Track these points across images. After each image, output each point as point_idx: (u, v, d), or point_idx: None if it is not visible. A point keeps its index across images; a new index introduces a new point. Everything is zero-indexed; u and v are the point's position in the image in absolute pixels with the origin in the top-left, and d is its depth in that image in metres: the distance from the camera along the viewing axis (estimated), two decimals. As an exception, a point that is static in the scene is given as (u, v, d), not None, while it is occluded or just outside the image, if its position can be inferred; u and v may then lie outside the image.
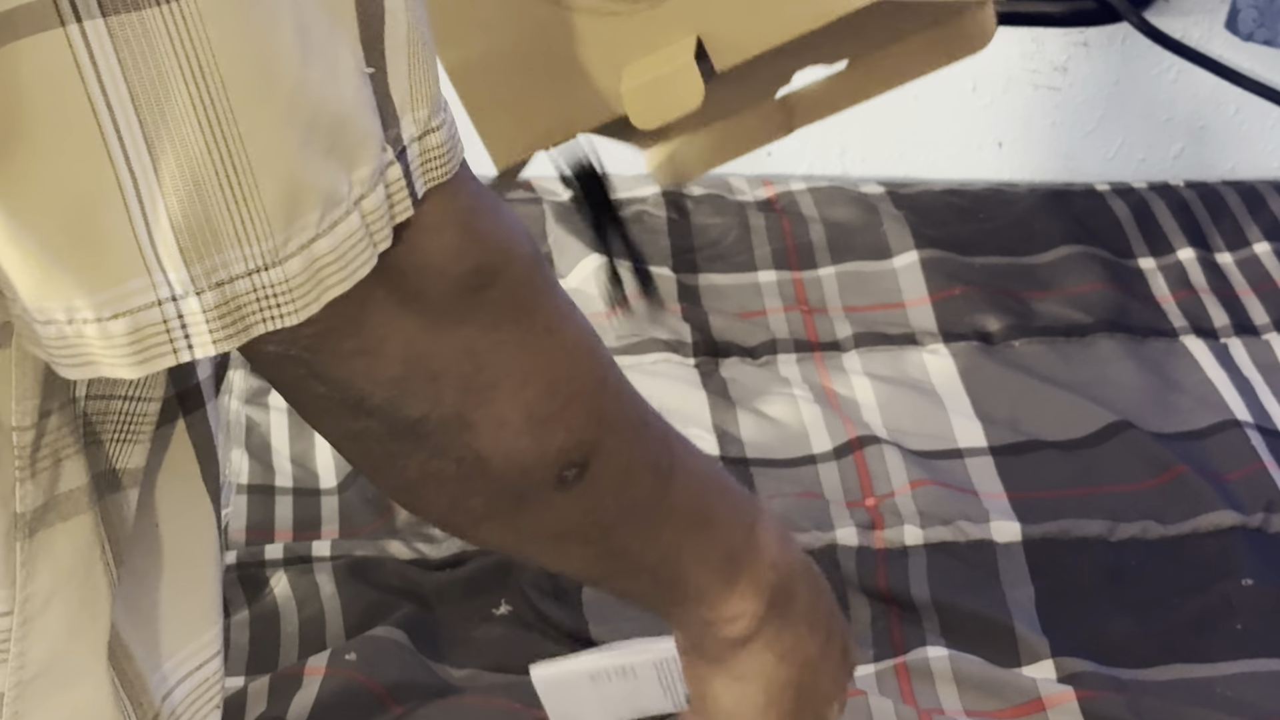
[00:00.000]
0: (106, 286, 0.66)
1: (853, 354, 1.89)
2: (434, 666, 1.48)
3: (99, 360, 0.68)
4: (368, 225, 0.69)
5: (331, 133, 0.67)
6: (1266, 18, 2.10)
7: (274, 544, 1.61)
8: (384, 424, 0.75)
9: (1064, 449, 1.75)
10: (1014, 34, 2.20)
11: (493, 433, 0.77)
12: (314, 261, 0.68)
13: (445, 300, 0.73)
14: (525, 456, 0.78)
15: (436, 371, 0.75)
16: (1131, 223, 2.10)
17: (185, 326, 0.67)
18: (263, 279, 0.67)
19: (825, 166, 2.26)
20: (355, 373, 0.73)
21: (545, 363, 0.78)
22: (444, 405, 0.75)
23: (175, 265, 0.65)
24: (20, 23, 0.61)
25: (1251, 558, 1.60)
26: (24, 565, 0.77)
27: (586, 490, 0.81)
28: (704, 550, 0.90)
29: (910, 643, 1.50)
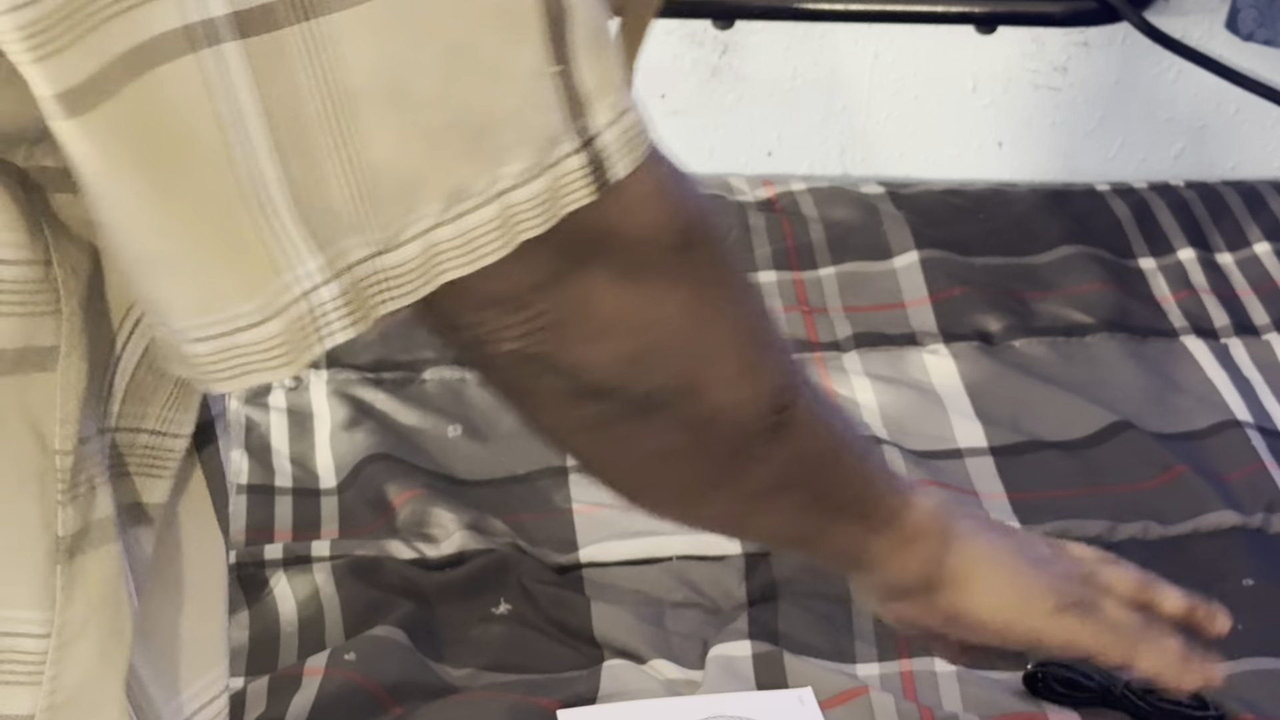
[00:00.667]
0: (260, 290, 0.70)
1: (853, 354, 1.89)
2: (434, 666, 1.48)
3: (255, 366, 0.71)
4: (508, 216, 0.72)
5: (474, 135, 0.71)
6: (1266, 18, 2.10)
7: (274, 544, 1.61)
8: (619, 404, 0.79)
9: (1064, 449, 1.75)
10: (1014, 34, 2.20)
11: (717, 391, 0.81)
12: (432, 247, 0.71)
13: (662, 267, 0.78)
14: (744, 409, 0.83)
15: (666, 339, 0.79)
16: (1131, 223, 2.10)
17: (323, 316, 0.71)
18: (380, 262, 0.71)
19: (825, 166, 2.26)
20: (591, 356, 0.77)
21: (745, 312, 0.83)
22: (673, 372, 0.80)
23: (308, 257, 0.70)
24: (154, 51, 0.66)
25: (1252, 558, 1.60)
26: (63, 589, 0.78)
27: (792, 434, 0.85)
28: (880, 470, 0.97)
29: (914, 644, 1.49)
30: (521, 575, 1.56)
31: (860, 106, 2.25)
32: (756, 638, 1.49)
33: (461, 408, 1.79)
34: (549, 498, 1.68)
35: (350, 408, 1.77)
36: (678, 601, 1.56)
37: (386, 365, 1.84)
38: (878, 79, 2.23)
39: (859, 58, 2.22)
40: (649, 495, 0.88)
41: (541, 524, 1.64)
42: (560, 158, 0.73)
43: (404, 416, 1.77)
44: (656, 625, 1.53)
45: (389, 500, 1.65)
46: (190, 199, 0.69)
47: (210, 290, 0.70)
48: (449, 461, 1.72)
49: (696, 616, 1.54)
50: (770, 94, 2.23)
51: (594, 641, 1.51)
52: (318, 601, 1.54)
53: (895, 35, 2.20)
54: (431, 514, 1.62)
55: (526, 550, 1.59)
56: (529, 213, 0.73)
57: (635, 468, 0.84)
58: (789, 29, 2.19)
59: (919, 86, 2.24)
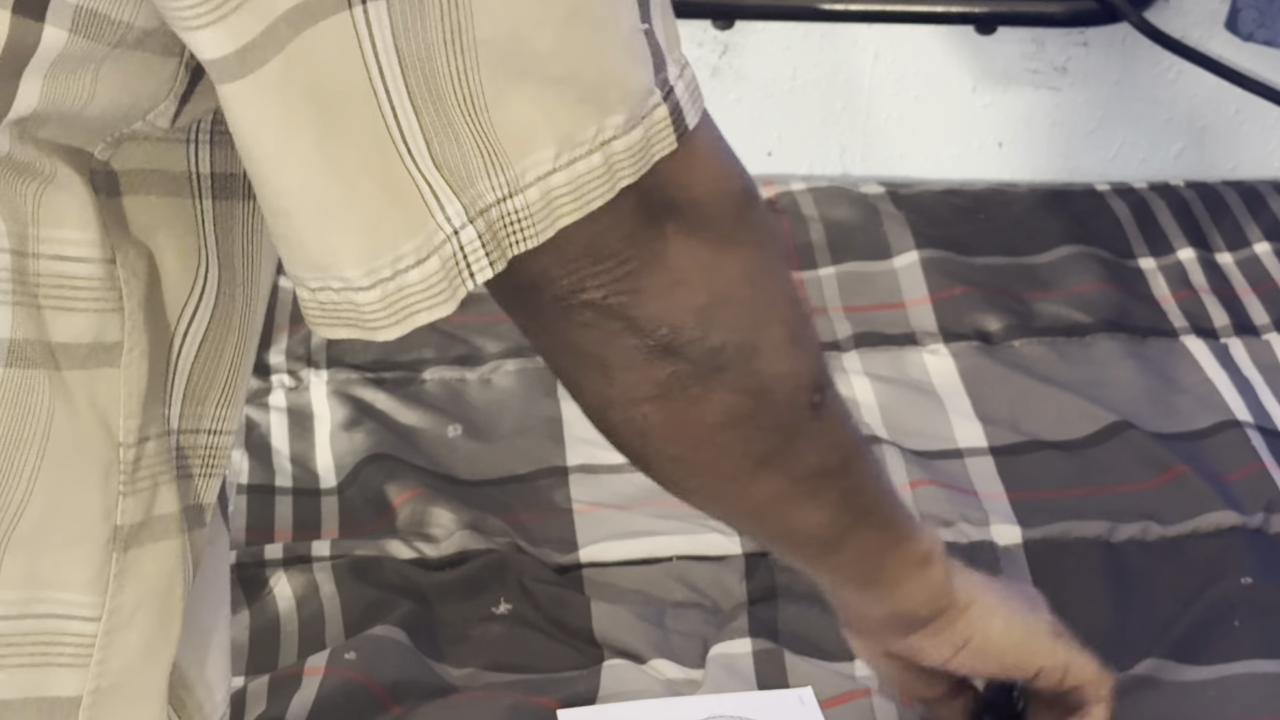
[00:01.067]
0: (419, 229, 0.75)
1: (853, 354, 1.89)
2: (434, 666, 1.48)
3: (419, 306, 0.76)
4: (611, 164, 0.77)
5: (586, 87, 0.76)
6: (1266, 18, 2.10)
7: (274, 544, 1.61)
8: (690, 362, 0.83)
9: (1064, 449, 1.75)
10: (1014, 34, 2.20)
11: (772, 358, 0.85)
12: (549, 192, 0.76)
13: (728, 223, 0.83)
14: (792, 380, 0.87)
15: (731, 295, 0.83)
16: (1131, 223, 2.10)
17: (467, 257, 0.76)
18: (508, 206, 0.76)
19: (825, 166, 2.26)
20: (668, 307, 0.82)
21: (791, 285, 0.88)
22: (739, 330, 0.84)
23: (450, 200, 0.75)
24: (314, 8, 0.71)
25: (1251, 558, 1.60)
26: (116, 577, 0.81)
27: (830, 417, 0.90)
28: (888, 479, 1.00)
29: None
30: (522, 575, 1.56)
31: (860, 106, 2.25)
32: (757, 637, 1.49)
33: (461, 408, 1.79)
34: (549, 498, 1.68)
35: (350, 408, 1.77)
36: (678, 601, 1.56)
37: (386, 365, 1.84)
38: (878, 79, 2.23)
39: (859, 58, 2.22)
40: (705, 474, 0.91)
41: (541, 524, 1.64)
42: (651, 108, 0.79)
43: (404, 416, 1.77)
44: (657, 625, 1.53)
45: (389, 500, 1.65)
46: (354, 146, 0.73)
47: (377, 233, 0.74)
48: (449, 461, 1.72)
49: (697, 616, 1.54)
50: (770, 94, 2.23)
51: (594, 641, 1.51)
52: (318, 601, 1.54)
53: (895, 35, 2.20)
54: (431, 514, 1.62)
55: (526, 550, 1.59)
56: (627, 161, 0.78)
57: (698, 439, 0.87)
58: (789, 29, 2.19)
59: (919, 86, 2.24)
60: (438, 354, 1.85)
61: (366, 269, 0.75)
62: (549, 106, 0.76)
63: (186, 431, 0.84)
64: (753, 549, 1.60)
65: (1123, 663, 1.50)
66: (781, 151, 2.26)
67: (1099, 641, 1.52)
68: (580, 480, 1.69)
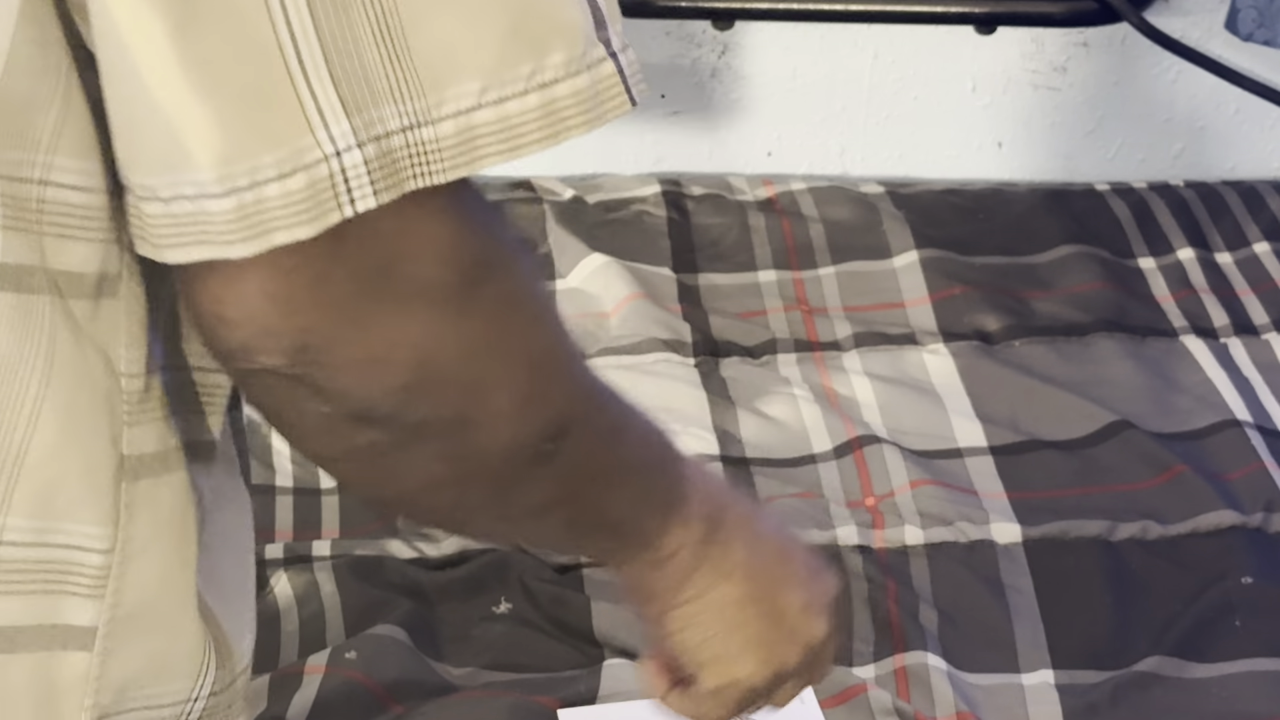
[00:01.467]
0: (285, 143, 0.69)
1: (853, 354, 1.89)
2: (434, 665, 1.48)
3: (276, 225, 0.70)
4: (551, 110, 0.72)
5: (516, 17, 0.71)
6: (1266, 18, 2.10)
7: (274, 544, 1.61)
8: (389, 433, 0.76)
9: (1064, 449, 1.75)
10: (1014, 34, 2.20)
11: (490, 426, 0.78)
12: (470, 129, 0.71)
13: (452, 298, 0.74)
14: (516, 441, 0.79)
15: (443, 374, 0.75)
16: (1131, 223, 2.10)
17: (348, 181, 0.70)
18: (416, 135, 0.70)
19: (825, 166, 2.26)
20: (363, 383, 0.74)
21: (534, 348, 0.80)
22: (447, 406, 0.76)
23: (337, 119, 0.70)
24: None
25: (1251, 557, 1.60)
26: (126, 507, 0.80)
27: (564, 461, 0.82)
28: (650, 496, 0.92)
29: (911, 643, 1.50)
30: (522, 574, 1.56)
31: (860, 106, 2.25)
32: (756, 637, 1.49)
33: (462, 407, 1.79)
34: (549, 497, 1.68)
35: (351, 407, 1.77)
36: (678, 601, 1.56)
37: (387, 365, 1.84)
38: (878, 79, 2.23)
39: (859, 58, 2.22)
40: (421, 518, 0.87)
41: (542, 523, 1.64)
42: (597, 60, 0.73)
43: (404, 416, 1.77)
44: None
45: (390, 500, 1.65)
46: (222, 40, 0.69)
47: (234, 137, 0.70)
48: (449, 461, 1.72)
49: (696, 616, 1.54)
50: (770, 94, 2.23)
51: (594, 640, 1.51)
52: (318, 600, 1.54)
53: (895, 35, 2.21)
54: (432, 513, 1.62)
55: (527, 549, 1.59)
56: (575, 110, 0.73)
57: (404, 497, 0.81)
58: (789, 29, 2.20)
59: (919, 86, 2.24)
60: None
61: (220, 174, 0.69)
62: (472, 31, 0.70)
63: (190, 368, 0.82)
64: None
65: (1124, 660, 1.50)
66: (781, 151, 2.26)
67: (1100, 640, 1.53)
68: (580, 480, 1.69)
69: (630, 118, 0.80)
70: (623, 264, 1.98)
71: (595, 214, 2.09)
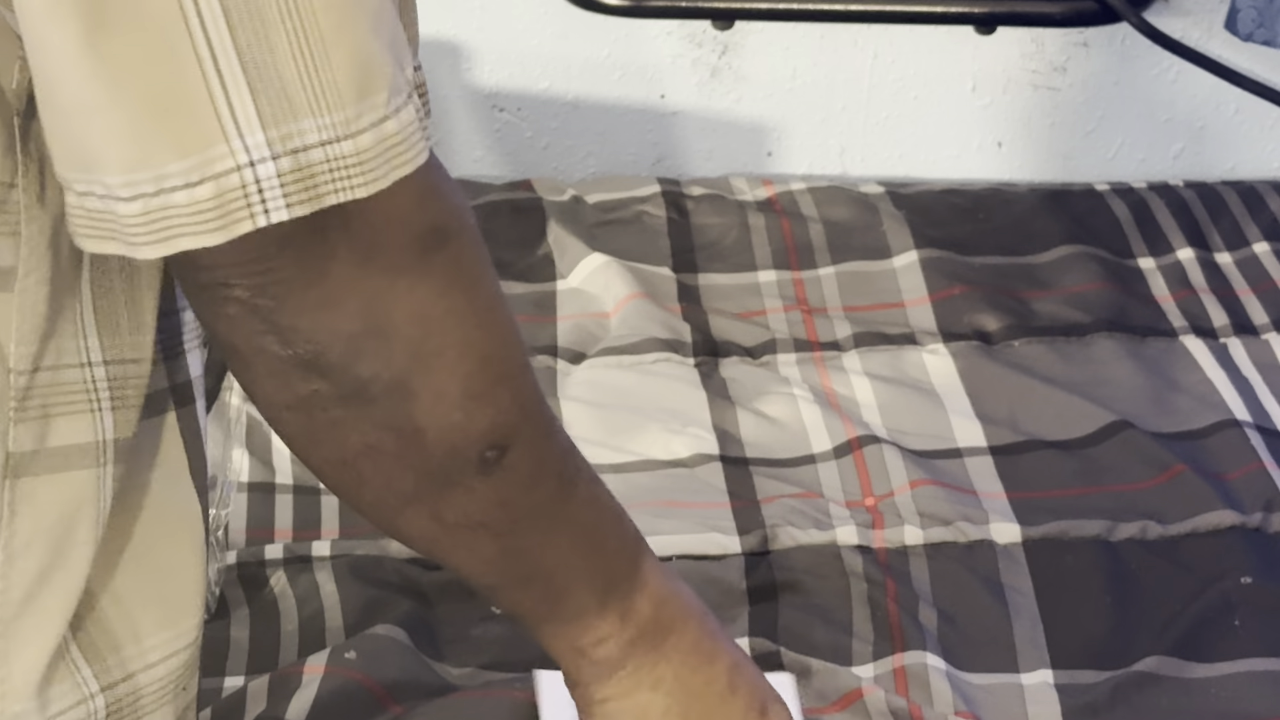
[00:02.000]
0: (193, 152, 0.69)
1: (852, 354, 1.89)
2: (433, 665, 1.48)
3: (182, 231, 0.70)
4: (420, 118, 0.73)
5: (389, 30, 0.72)
6: (1266, 18, 2.10)
7: (274, 543, 1.61)
8: (334, 385, 0.77)
9: (1064, 449, 1.75)
10: (1014, 34, 2.20)
11: (432, 404, 0.78)
12: (384, 139, 0.72)
13: (404, 256, 0.76)
14: (457, 432, 0.80)
15: (390, 330, 0.77)
16: (1131, 223, 2.10)
17: (262, 192, 0.70)
18: (336, 150, 0.71)
19: (825, 166, 2.26)
20: (316, 325, 0.75)
21: (484, 338, 0.80)
22: (393, 367, 0.77)
23: (252, 131, 0.69)
24: None
25: (1251, 558, 1.60)
26: (9, 505, 0.80)
27: (504, 477, 0.83)
28: (591, 568, 0.91)
29: (910, 643, 1.50)
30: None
31: (860, 106, 2.25)
32: (756, 637, 1.49)
33: (462, 407, 1.79)
34: (549, 497, 1.68)
35: (350, 407, 1.77)
36: (677, 601, 1.56)
37: (387, 365, 1.84)
38: (878, 79, 2.23)
39: (859, 58, 2.22)
40: (347, 495, 0.86)
41: (541, 523, 1.64)
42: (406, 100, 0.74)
43: (404, 416, 1.77)
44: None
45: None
46: (135, 46, 0.68)
47: (140, 145, 0.69)
48: (449, 461, 1.72)
49: (696, 616, 1.54)
50: (770, 94, 2.23)
51: (594, 640, 1.51)
52: (318, 600, 1.54)
53: (895, 35, 2.21)
54: (432, 513, 1.62)
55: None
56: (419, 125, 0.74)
57: (337, 462, 0.82)
58: (789, 29, 2.20)
59: (919, 86, 2.24)
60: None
61: (126, 179, 0.70)
62: (373, 42, 0.71)
63: (91, 365, 0.81)
64: (753, 549, 1.61)
65: (1124, 660, 1.50)
66: (781, 151, 2.26)
67: (1099, 640, 1.53)
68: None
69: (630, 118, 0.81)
70: (623, 264, 1.98)
71: (595, 214, 2.09)
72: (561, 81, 2.20)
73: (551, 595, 0.92)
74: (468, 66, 2.19)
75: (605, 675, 0.94)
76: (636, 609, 0.93)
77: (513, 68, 2.20)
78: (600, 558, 0.92)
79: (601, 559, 0.92)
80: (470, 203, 0.81)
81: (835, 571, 1.58)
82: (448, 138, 2.22)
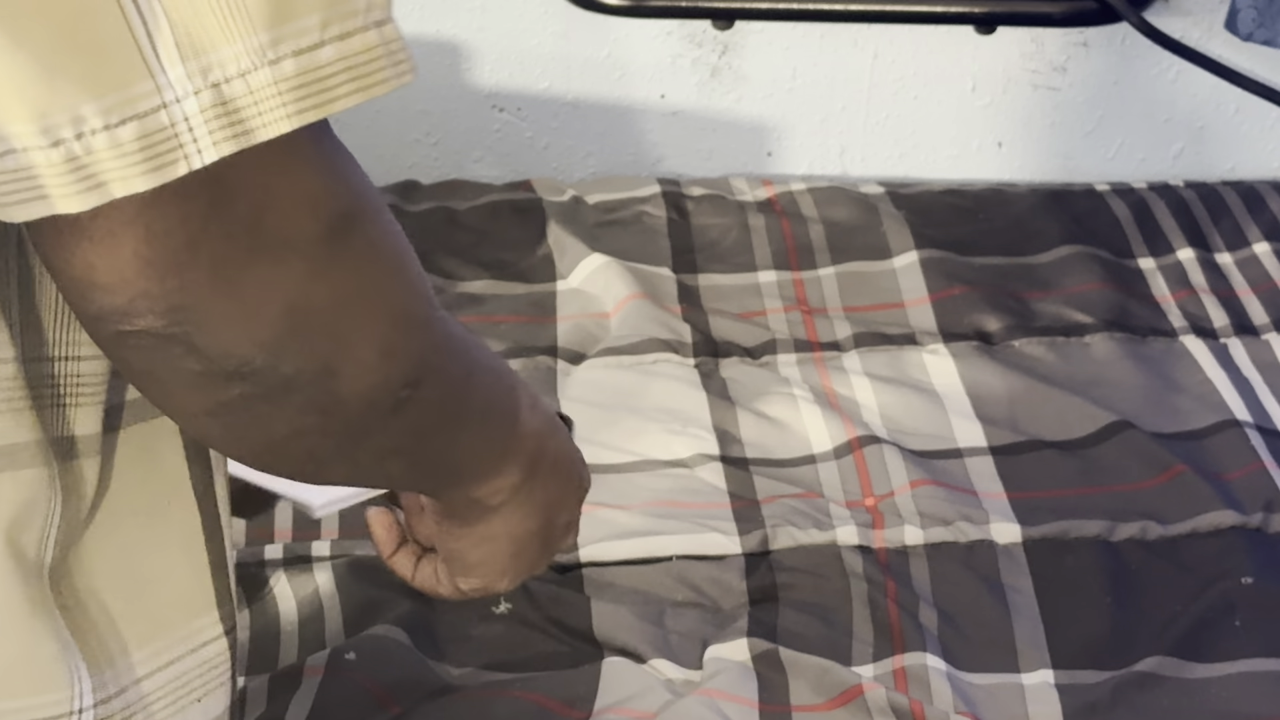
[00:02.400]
0: (112, 90, 0.66)
1: (853, 354, 1.89)
2: (433, 665, 1.48)
3: (110, 178, 0.67)
4: (391, 46, 0.70)
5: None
6: (1266, 18, 2.10)
7: (274, 544, 1.61)
8: (258, 386, 0.75)
9: (1064, 449, 1.75)
10: (1014, 34, 2.20)
11: (354, 375, 0.77)
12: (316, 69, 0.68)
13: (318, 248, 0.73)
14: (376, 392, 0.78)
15: (311, 326, 0.74)
16: (1131, 223, 2.10)
17: (192, 130, 0.67)
18: (254, 80, 0.67)
19: (825, 166, 2.26)
20: (236, 337, 0.73)
21: (395, 299, 0.78)
22: (317, 357, 0.75)
23: (174, 64, 0.66)
24: None
25: (1251, 558, 1.60)
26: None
27: (414, 409, 0.82)
28: (488, 439, 0.92)
29: (910, 644, 1.50)
30: (521, 575, 1.56)
31: (860, 106, 2.25)
32: (756, 637, 1.49)
33: (461, 407, 1.79)
34: (549, 497, 1.68)
35: (350, 407, 1.77)
36: (678, 601, 1.56)
37: (387, 365, 1.84)
38: (878, 79, 2.23)
39: (859, 58, 2.22)
40: (275, 469, 0.84)
41: (541, 523, 1.64)
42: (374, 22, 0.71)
43: (404, 416, 1.77)
44: (656, 625, 1.53)
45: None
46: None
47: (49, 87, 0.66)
48: (449, 461, 1.72)
49: (696, 616, 1.54)
50: (770, 94, 2.23)
51: (594, 641, 1.51)
52: (318, 601, 1.54)
53: (895, 35, 2.21)
54: (432, 513, 1.62)
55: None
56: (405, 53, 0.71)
57: (264, 449, 0.80)
58: (789, 29, 2.20)
59: (919, 86, 2.24)
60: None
61: (40, 126, 0.66)
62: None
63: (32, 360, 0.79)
64: (753, 549, 1.61)
65: (1124, 660, 1.50)
66: (781, 151, 2.26)
67: (1099, 640, 1.53)
68: (580, 480, 1.69)
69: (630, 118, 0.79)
70: (623, 264, 1.98)
71: (595, 214, 2.09)
72: (561, 81, 2.20)
73: (456, 475, 0.93)
74: (468, 66, 2.19)
75: (492, 511, 0.97)
76: (523, 450, 0.94)
77: (513, 68, 2.20)
78: (493, 425, 0.92)
79: (494, 426, 0.92)
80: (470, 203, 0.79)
81: (835, 572, 1.58)
82: (448, 138, 2.22)
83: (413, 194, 2.10)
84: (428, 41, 2.17)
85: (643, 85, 2.20)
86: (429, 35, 2.16)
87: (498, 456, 0.93)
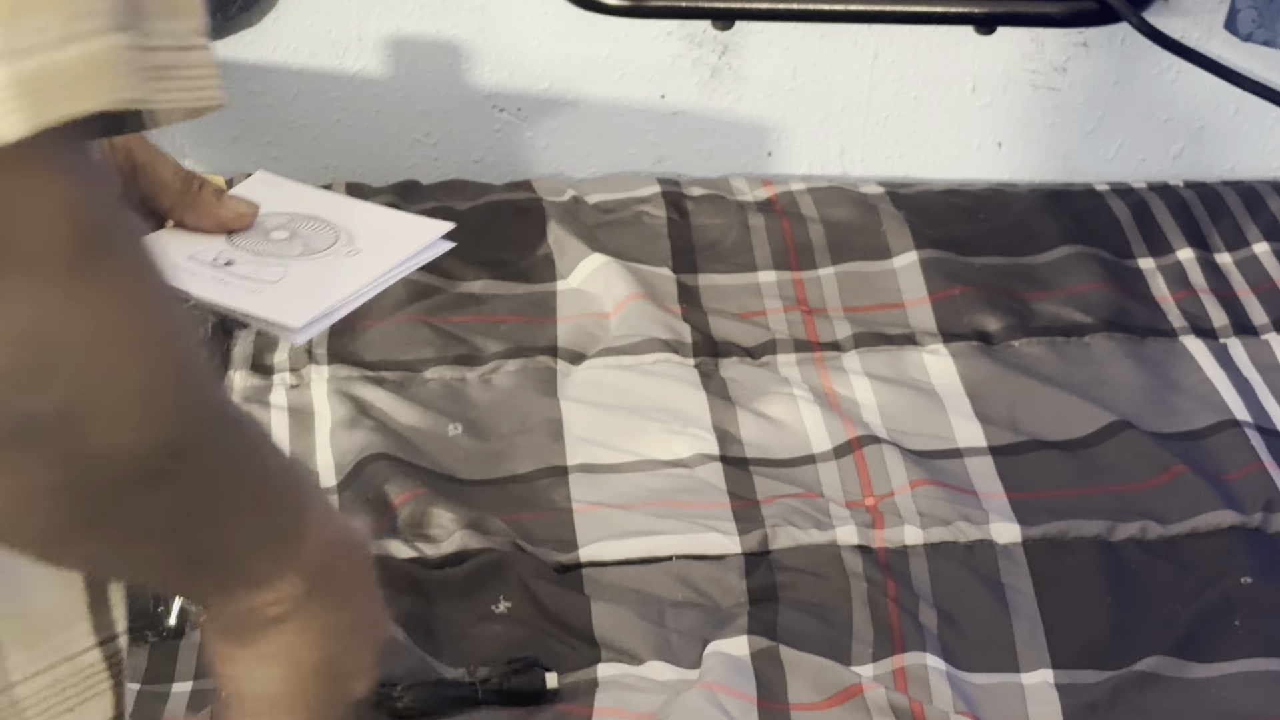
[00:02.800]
0: None
1: (852, 354, 1.89)
2: (433, 664, 1.48)
3: None
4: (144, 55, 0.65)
5: None
6: (1266, 18, 2.10)
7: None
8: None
9: (1063, 449, 1.75)
10: (1014, 34, 2.20)
11: (107, 428, 0.69)
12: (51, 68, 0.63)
13: (61, 271, 0.66)
14: (129, 450, 0.71)
15: (53, 354, 0.67)
16: (1131, 223, 2.10)
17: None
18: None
19: (825, 166, 2.26)
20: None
21: (156, 347, 0.71)
22: (58, 395, 0.67)
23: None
24: None
25: (1250, 558, 1.60)
26: None
27: (183, 483, 0.74)
28: (263, 536, 0.84)
29: (910, 643, 1.50)
30: (521, 574, 1.56)
31: (860, 106, 2.25)
32: (755, 635, 1.49)
33: (461, 407, 1.80)
34: (549, 497, 1.68)
35: (350, 406, 1.78)
36: (678, 601, 1.56)
37: (387, 364, 1.84)
38: (878, 79, 2.23)
39: (859, 58, 2.22)
40: (9, 542, 0.75)
41: (541, 523, 1.64)
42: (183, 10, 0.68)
43: (404, 415, 1.77)
44: (656, 624, 1.53)
45: (389, 500, 1.65)
46: None
47: None
48: (449, 461, 1.72)
49: (696, 616, 1.54)
50: (770, 94, 2.23)
51: (593, 640, 1.51)
52: (318, 600, 1.54)
53: (895, 35, 2.21)
54: (432, 514, 1.62)
55: (526, 549, 1.59)
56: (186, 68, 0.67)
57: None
58: (789, 29, 2.20)
59: (919, 86, 2.24)
60: (438, 353, 1.85)
61: None
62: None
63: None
64: (753, 549, 1.61)
65: (1124, 660, 1.50)
66: (781, 151, 2.26)
67: (1099, 640, 1.53)
68: (580, 480, 1.69)
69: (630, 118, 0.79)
70: (623, 264, 1.98)
71: (595, 214, 2.09)
72: (561, 81, 2.20)
73: (227, 575, 0.84)
74: (468, 66, 2.19)
75: (268, 629, 0.87)
76: (307, 559, 0.86)
77: (513, 68, 2.20)
78: (271, 520, 0.83)
79: (272, 522, 0.84)
80: (470, 203, 0.76)
81: (835, 571, 1.58)
82: (448, 138, 2.22)
83: (413, 194, 2.10)
84: (428, 41, 2.17)
85: (643, 85, 2.20)
86: (429, 35, 2.17)
87: (275, 558, 0.84)
